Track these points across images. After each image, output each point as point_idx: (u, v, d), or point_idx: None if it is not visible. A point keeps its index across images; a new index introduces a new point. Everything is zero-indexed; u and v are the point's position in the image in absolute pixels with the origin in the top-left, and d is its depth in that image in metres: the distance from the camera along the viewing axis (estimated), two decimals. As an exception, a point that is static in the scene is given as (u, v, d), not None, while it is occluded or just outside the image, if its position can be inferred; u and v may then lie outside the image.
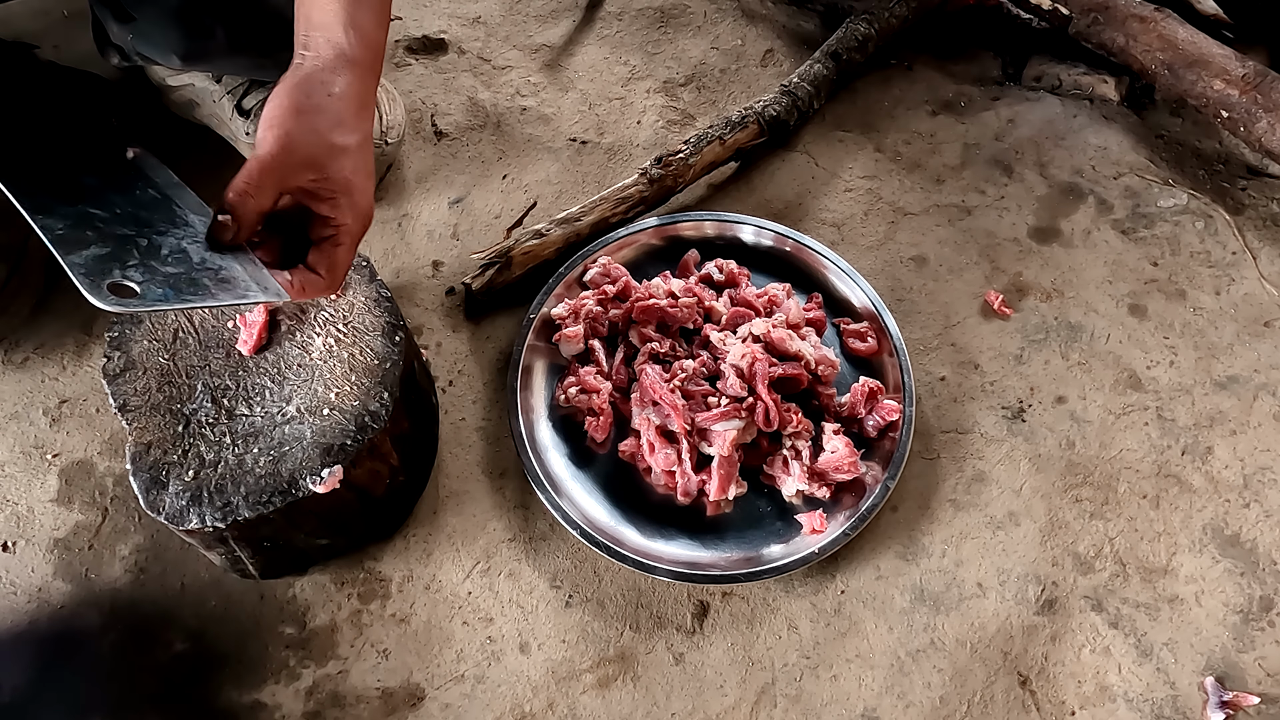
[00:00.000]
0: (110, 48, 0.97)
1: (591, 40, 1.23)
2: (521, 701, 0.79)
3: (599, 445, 0.89)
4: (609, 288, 0.95)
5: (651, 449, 0.85)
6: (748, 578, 0.80)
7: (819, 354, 0.90)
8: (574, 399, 0.89)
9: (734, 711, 0.79)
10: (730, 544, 0.84)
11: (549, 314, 0.94)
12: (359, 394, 0.76)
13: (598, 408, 0.88)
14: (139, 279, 0.58)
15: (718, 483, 0.84)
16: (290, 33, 0.70)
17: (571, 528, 0.82)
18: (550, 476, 0.85)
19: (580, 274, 0.97)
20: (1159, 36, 1.08)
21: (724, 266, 0.97)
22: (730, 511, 0.86)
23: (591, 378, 0.90)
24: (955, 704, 0.79)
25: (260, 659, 0.80)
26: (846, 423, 0.89)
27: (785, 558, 0.81)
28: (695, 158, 1.03)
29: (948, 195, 1.09)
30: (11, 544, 0.85)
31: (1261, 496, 0.89)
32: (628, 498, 0.86)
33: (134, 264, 0.59)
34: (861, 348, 0.94)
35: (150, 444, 0.73)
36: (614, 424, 0.89)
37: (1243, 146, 1.10)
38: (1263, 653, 0.81)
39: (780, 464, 0.86)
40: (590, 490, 0.86)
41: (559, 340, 0.92)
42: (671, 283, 0.95)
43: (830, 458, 0.85)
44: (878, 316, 0.94)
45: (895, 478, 0.84)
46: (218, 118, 1.03)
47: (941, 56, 1.22)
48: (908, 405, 0.88)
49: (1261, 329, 0.99)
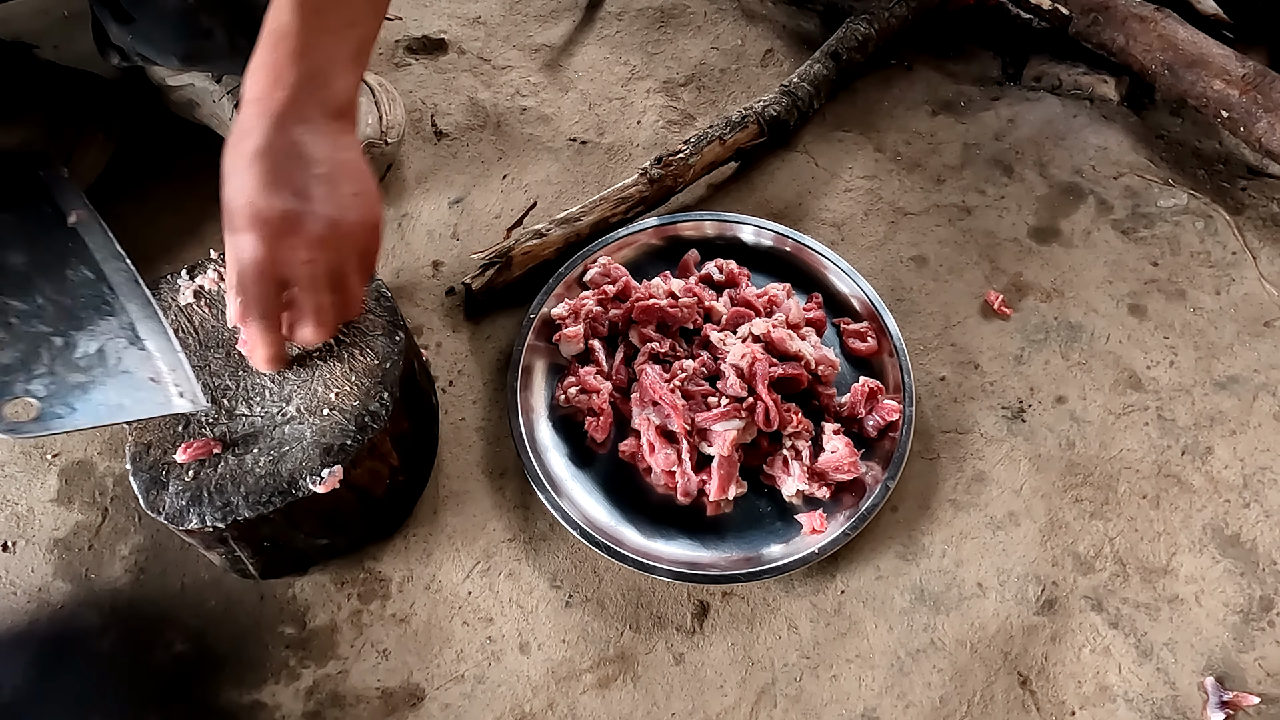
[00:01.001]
0: (110, 48, 0.98)
1: (591, 40, 1.23)
2: (521, 701, 0.79)
3: (599, 445, 0.89)
4: (609, 288, 0.95)
5: (651, 449, 0.85)
6: (748, 578, 0.80)
7: (819, 354, 0.90)
8: (574, 399, 0.89)
9: (734, 711, 0.79)
10: (730, 544, 0.83)
11: (549, 314, 0.94)
12: (359, 394, 0.76)
13: (598, 408, 0.88)
14: (43, 393, 0.55)
15: (718, 483, 0.84)
16: None
17: (571, 528, 0.82)
18: (550, 477, 0.85)
19: (580, 274, 0.97)
20: (1159, 36, 1.08)
21: (724, 266, 0.97)
22: (730, 511, 0.86)
23: (591, 378, 0.90)
24: (955, 704, 0.79)
25: (260, 659, 0.80)
26: (846, 423, 0.89)
27: (785, 558, 0.81)
28: (695, 158, 1.03)
29: (948, 195, 1.09)
30: (11, 544, 0.85)
31: (1261, 496, 0.89)
32: (628, 498, 0.86)
33: (41, 373, 0.56)
34: (861, 348, 0.94)
35: (150, 444, 0.73)
36: (614, 424, 0.89)
37: (1243, 146, 1.10)
38: (1263, 653, 0.81)
39: (780, 464, 0.86)
40: (590, 490, 0.86)
41: (559, 340, 0.92)
42: (671, 283, 0.95)
43: (830, 458, 0.86)
44: (877, 316, 0.94)
45: (895, 478, 0.84)
46: (217, 118, 1.03)
47: (941, 56, 1.22)
48: (908, 405, 0.88)
49: (1261, 329, 0.99)
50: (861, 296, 0.95)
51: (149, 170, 1.07)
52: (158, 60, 0.96)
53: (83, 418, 0.55)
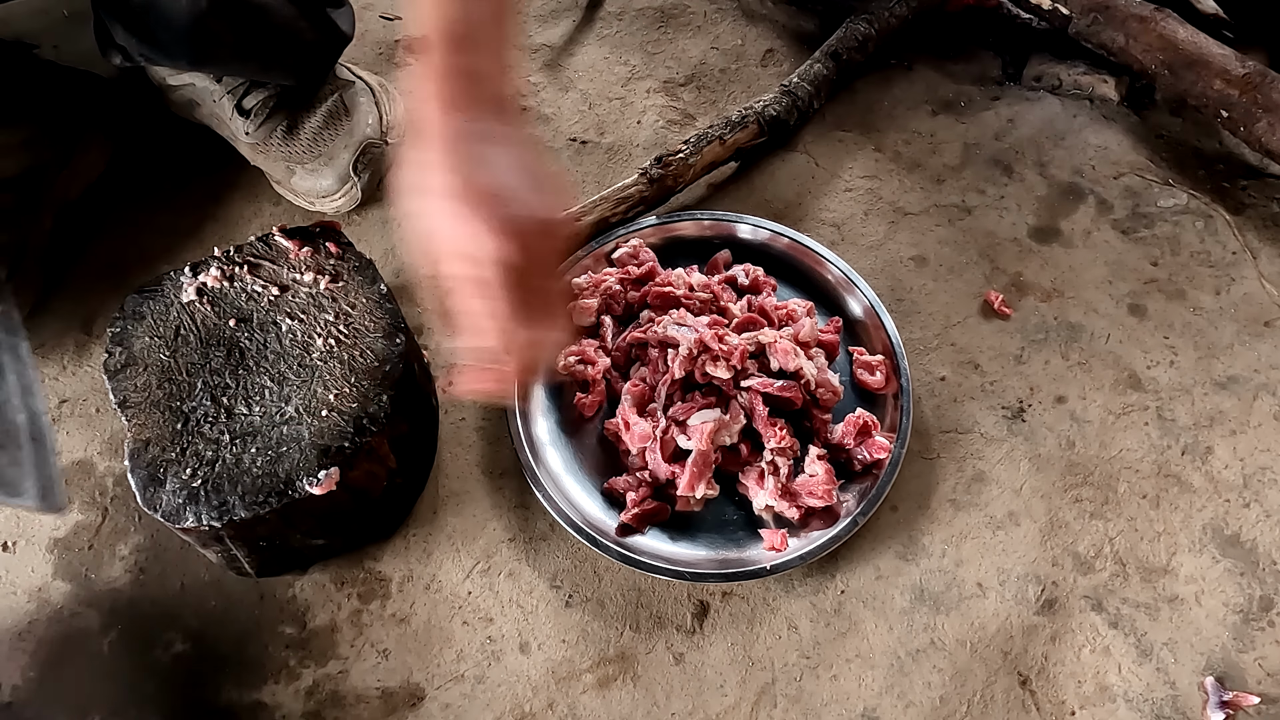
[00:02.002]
0: (113, 48, 0.98)
1: (591, 40, 1.23)
2: (521, 701, 0.79)
3: (587, 421, 0.89)
4: (634, 268, 0.95)
5: (627, 426, 0.85)
6: (719, 578, 0.80)
7: (821, 377, 0.88)
8: (571, 368, 0.90)
9: (734, 711, 0.79)
10: (698, 544, 0.83)
11: (569, 281, 0.94)
12: (358, 396, 0.76)
13: (591, 379, 0.89)
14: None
15: (688, 478, 0.83)
16: (297, 41, 0.68)
17: (568, 526, 0.82)
18: (534, 443, 0.86)
19: (611, 250, 0.98)
20: (1159, 36, 1.08)
21: (750, 272, 0.97)
22: (699, 511, 0.85)
23: (592, 350, 0.90)
24: (955, 704, 0.79)
25: (260, 659, 0.80)
26: (834, 450, 0.87)
27: (738, 566, 0.81)
28: (695, 158, 1.03)
29: (948, 195, 1.09)
30: (11, 544, 0.85)
31: (1261, 496, 0.89)
32: (605, 477, 0.87)
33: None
34: (870, 380, 0.91)
35: (149, 441, 0.73)
36: (605, 404, 0.90)
37: (1243, 146, 1.10)
38: (1263, 653, 0.81)
39: (756, 475, 0.85)
40: (568, 463, 0.87)
41: (572, 309, 0.93)
42: (694, 277, 0.95)
43: (807, 480, 0.84)
44: (883, 329, 0.92)
45: (867, 515, 0.83)
46: (218, 118, 1.03)
47: (941, 56, 1.22)
48: (898, 446, 0.85)
49: (1261, 329, 0.99)
50: (861, 299, 0.95)
51: (149, 171, 1.07)
52: (165, 63, 0.96)
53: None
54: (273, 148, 1.01)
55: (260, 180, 1.07)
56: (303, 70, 1.01)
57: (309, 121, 1.01)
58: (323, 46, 1.00)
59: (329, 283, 0.82)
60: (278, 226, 0.85)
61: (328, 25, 0.99)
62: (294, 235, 0.85)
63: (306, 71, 1.01)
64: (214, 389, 0.76)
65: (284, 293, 0.82)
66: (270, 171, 1.05)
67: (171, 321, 0.80)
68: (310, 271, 0.83)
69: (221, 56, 0.94)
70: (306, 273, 0.83)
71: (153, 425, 0.74)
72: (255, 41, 0.93)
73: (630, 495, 0.85)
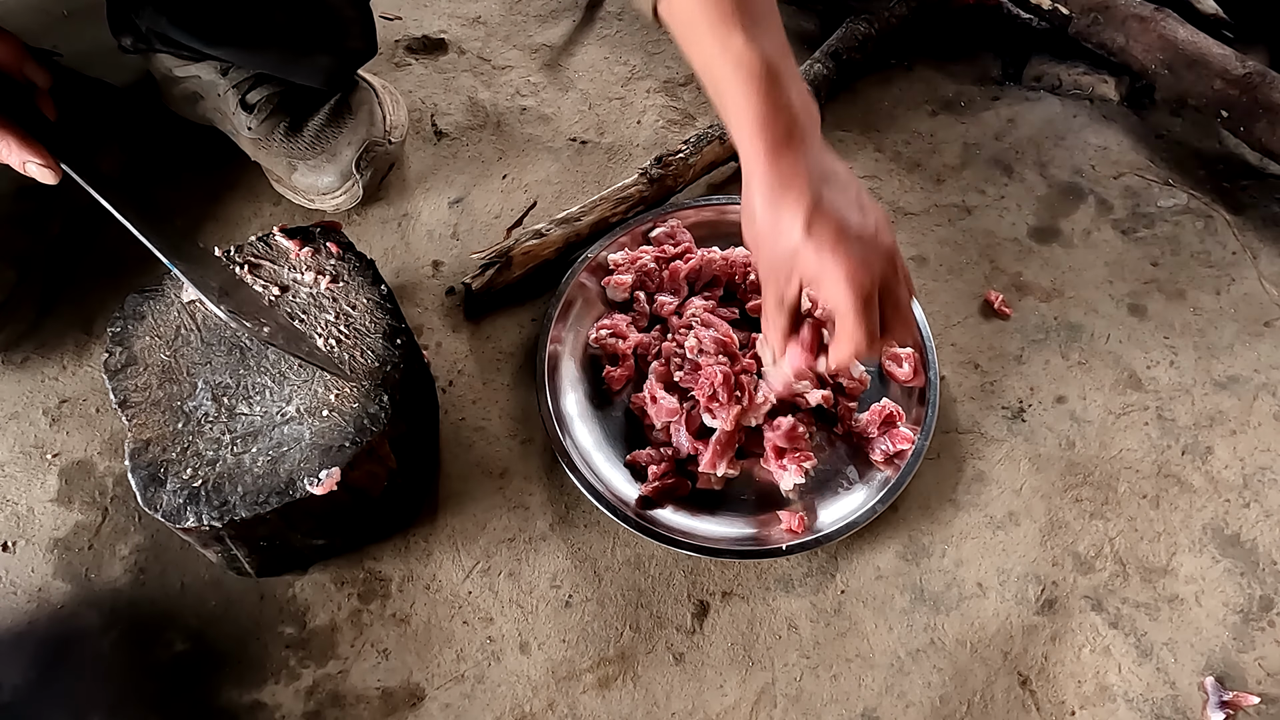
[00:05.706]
0: (126, 31, 0.97)
1: (591, 40, 1.23)
2: (521, 701, 0.79)
3: (615, 395, 0.91)
4: (670, 248, 0.97)
5: (654, 399, 0.87)
6: (735, 554, 0.82)
7: None
8: (603, 340, 0.92)
9: (734, 711, 0.79)
10: (719, 523, 0.85)
11: (605, 257, 0.96)
12: (358, 396, 0.76)
13: (622, 353, 0.91)
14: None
15: (710, 455, 0.84)
16: (326, 32, 0.69)
17: (594, 499, 0.84)
18: (563, 416, 0.88)
19: (648, 229, 0.99)
20: (1159, 36, 1.08)
21: None
22: (719, 489, 0.87)
23: (624, 325, 0.92)
24: (955, 704, 0.79)
25: (260, 659, 0.80)
26: (858, 440, 0.88)
27: (758, 544, 0.83)
28: (695, 157, 1.03)
29: (948, 195, 1.09)
30: (11, 544, 0.85)
31: (1261, 496, 0.89)
32: (629, 450, 0.88)
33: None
34: (898, 373, 0.91)
35: (149, 441, 0.73)
36: (633, 379, 0.92)
37: (1243, 146, 1.10)
38: (1263, 653, 0.81)
39: (772, 450, 0.86)
40: (596, 437, 0.88)
41: (607, 284, 0.95)
42: (734, 253, 0.97)
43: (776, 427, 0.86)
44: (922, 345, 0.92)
45: (886, 503, 0.84)
46: (220, 112, 1.02)
47: (941, 56, 1.22)
48: (922, 438, 0.86)
49: (1261, 329, 0.99)
50: None
51: (149, 171, 1.07)
52: (188, 42, 0.95)
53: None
54: (275, 143, 1.01)
55: (260, 180, 1.07)
56: (334, 69, 1.00)
57: (312, 119, 1.01)
58: (360, 50, 1.00)
59: (329, 283, 0.82)
60: (278, 226, 0.85)
61: (370, 28, 0.99)
62: (294, 235, 0.85)
63: (337, 72, 1.00)
64: (214, 389, 0.76)
65: (284, 293, 0.82)
66: (271, 167, 1.04)
67: (172, 321, 0.80)
68: (311, 272, 0.83)
69: (260, 38, 0.93)
70: (307, 273, 0.83)
71: (153, 425, 0.74)
72: (278, 22, 0.92)
73: (652, 469, 0.86)
